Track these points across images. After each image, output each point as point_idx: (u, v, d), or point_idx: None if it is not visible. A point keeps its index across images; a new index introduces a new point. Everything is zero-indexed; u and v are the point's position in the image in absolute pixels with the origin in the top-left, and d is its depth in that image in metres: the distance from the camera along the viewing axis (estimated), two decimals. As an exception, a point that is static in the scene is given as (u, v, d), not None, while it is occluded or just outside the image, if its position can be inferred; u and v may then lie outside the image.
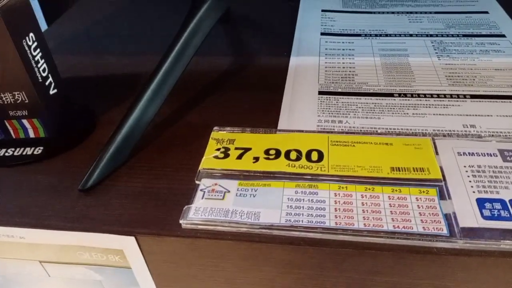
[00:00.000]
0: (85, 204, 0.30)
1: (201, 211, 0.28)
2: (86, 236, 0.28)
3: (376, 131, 0.34)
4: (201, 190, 0.29)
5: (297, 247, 0.26)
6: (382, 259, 0.25)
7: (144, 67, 0.39)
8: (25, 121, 0.35)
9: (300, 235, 0.26)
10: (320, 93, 0.38)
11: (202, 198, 0.28)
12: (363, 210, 0.27)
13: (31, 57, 0.33)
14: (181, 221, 0.27)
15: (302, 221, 0.26)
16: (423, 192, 0.28)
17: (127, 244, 0.28)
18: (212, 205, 0.28)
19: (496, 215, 0.26)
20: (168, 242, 0.27)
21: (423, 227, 0.26)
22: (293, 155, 0.31)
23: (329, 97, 0.38)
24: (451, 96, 0.37)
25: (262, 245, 0.26)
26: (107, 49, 0.48)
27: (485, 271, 0.25)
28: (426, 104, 0.36)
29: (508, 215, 0.26)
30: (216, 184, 0.29)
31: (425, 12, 0.51)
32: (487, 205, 0.27)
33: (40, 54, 0.33)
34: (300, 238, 0.26)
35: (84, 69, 0.44)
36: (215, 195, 0.29)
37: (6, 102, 0.33)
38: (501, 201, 0.27)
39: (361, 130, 0.34)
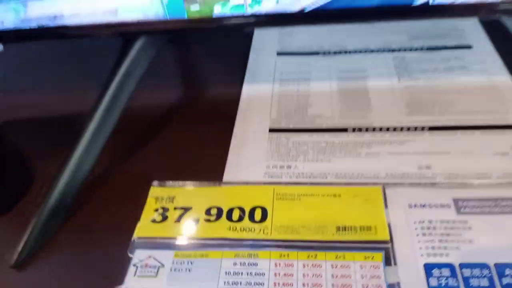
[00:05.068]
0: (17, 282, 0.28)
1: (132, 293, 0.26)
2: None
3: (326, 177, 0.31)
4: (133, 265, 0.27)
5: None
6: None
7: (81, 106, 0.36)
8: (-49, 186, 0.32)
9: (236, 318, 0.24)
10: (271, 130, 0.36)
11: (134, 275, 0.27)
12: (303, 284, 0.25)
13: None
14: (110, 306, 0.25)
15: (238, 301, 0.25)
16: (368, 257, 0.26)
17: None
18: (144, 284, 0.26)
19: (443, 284, 0.24)
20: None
21: (365, 304, 0.24)
22: (235, 214, 0.29)
23: (280, 136, 0.35)
24: (409, 129, 0.34)
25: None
26: (40, 88, 0.44)
27: None
28: (381, 141, 0.34)
29: (456, 284, 0.24)
30: (150, 257, 0.27)
31: (389, 21, 0.47)
32: (435, 271, 0.25)
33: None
34: (235, 321, 0.24)
35: (18, 109, 0.41)
36: (148, 272, 0.27)
37: None
38: (450, 267, 0.25)
39: (310, 177, 0.32)
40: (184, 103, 0.40)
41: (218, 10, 0.31)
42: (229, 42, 0.46)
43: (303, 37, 0.46)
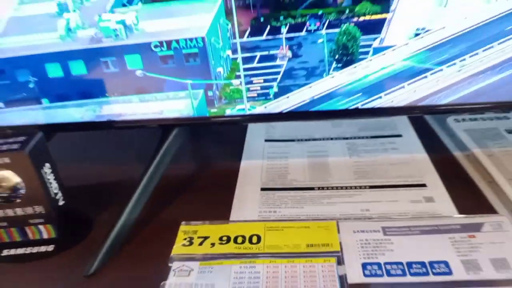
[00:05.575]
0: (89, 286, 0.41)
1: (173, 285, 0.39)
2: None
3: (300, 217, 0.47)
4: (173, 270, 0.41)
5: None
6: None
7: (127, 177, 0.52)
8: (41, 227, 0.46)
9: (242, 298, 0.38)
10: (262, 189, 0.52)
11: (174, 276, 0.40)
12: (285, 276, 0.39)
13: (47, 181, 0.45)
14: (159, 294, 0.38)
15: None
16: (326, 260, 0.40)
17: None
18: (180, 281, 0.39)
19: (373, 273, 0.38)
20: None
21: (324, 284, 0.38)
22: (239, 239, 0.44)
23: (268, 192, 0.51)
24: (355, 187, 0.51)
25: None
26: (98, 164, 0.61)
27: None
28: (337, 195, 0.50)
29: (381, 273, 0.38)
30: (183, 265, 0.41)
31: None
32: (368, 267, 0.39)
33: (53, 177, 0.46)
34: (242, 300, 0.38)
35: (81, 179, 0.57)
36: (182, 273, 0.40)
37: (27, 213, 0.45)
38: (378, 264, 0.39)
39: (289, 217, 0.47)
40: (201, 172, 0.57)
41: (228, 112, 0.49)
42: (231, 132, 0.64)
43: (283, 129, 0.64)
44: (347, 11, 0.44)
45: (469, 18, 0.43)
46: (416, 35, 0.44)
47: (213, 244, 0.43)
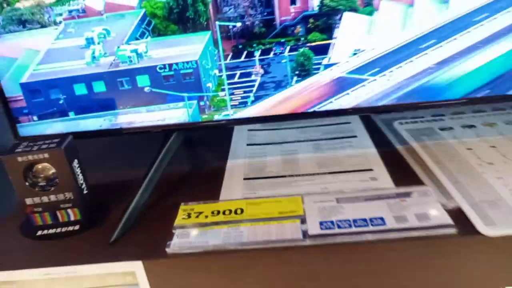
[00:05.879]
0: (112, 251, 0.53)
1: (177, 244, 0.52)
2: (114, 264, 0.51)
3: (274, 196, 0.60)
4: (176, 235, 0.53)
5: (227, 255, 0.50)
6: (267, 253, 0.50)
7: (133, 176, 0.65)
8: (69, 210, 0.59)
9: (230, 247, 0.50)
10: (245, 179, 0.65)
11: (177, 238, 0.53)
12: (262, 232, 0.52)
13: (76, 173, 0.58)
14: (166, 249, 0.51)
15: (230, 242, 0.51)
16: (293, 221, 0.53)
17: (137, 267, 0.51)
18: (182, 240, 0.52)
19: (327, 227, 0.52)
20: (161, 261, 0.51)
21: (291, 236, 0.51)
22: (227, 212, 0.57)
23: (250, 181, 0.65)
24: (318, 174, 0.65)
25: (211, 255, 0.50)
26: (108, 167, 0.74)
27: (318, 254, 0.50)
28: (303, 179, 0.63)
29: (333, 227, 0.52)
30: (184, 230, 0.54)
31: (311, 126, 0.81)
32: (324, 223, 0.52)
33: (80, 170, 0.59)
34: (230, 250, 0.50)
35: (98, 176, 0.69)
36: (184, 236, 0.53)
37: (59, 199, 0.58)
38: (331, 221, 0.53)
39: (266, 196, 0.60)
40: (195, 170, 0.70)
41: (216, 117, 0.63)
42: (218, 139, 0.78)
43: (261, 136, 0.79)
44: (302, 39, 0.59)
45: (390, 41, 0.59)
46: (354, 54, 0.60)
47: (206, 216, 0.56)
